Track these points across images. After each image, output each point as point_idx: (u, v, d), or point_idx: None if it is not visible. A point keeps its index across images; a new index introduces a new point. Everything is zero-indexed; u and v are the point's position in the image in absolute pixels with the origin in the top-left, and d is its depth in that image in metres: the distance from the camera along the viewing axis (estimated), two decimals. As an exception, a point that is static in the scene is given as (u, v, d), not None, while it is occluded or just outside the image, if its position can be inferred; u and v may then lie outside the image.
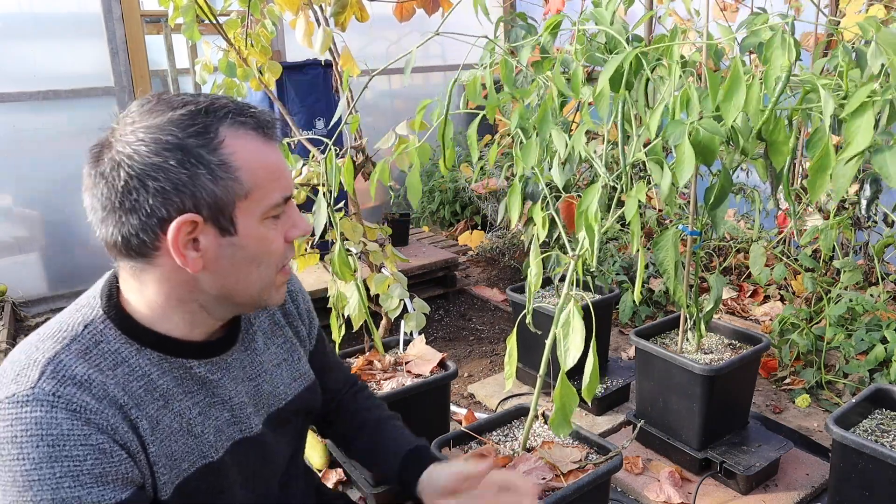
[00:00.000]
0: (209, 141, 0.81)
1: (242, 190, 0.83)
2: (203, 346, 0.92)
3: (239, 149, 0.82)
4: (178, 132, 0.80)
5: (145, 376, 0.85)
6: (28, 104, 3.35)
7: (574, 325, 1.25)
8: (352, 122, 1.78)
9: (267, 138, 0.86)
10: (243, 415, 0.97)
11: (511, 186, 1.46)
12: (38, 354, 0.81)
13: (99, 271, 0.94)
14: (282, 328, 1.09)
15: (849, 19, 2.47)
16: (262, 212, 0.85)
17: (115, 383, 0.82)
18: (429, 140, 1.54)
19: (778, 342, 2.55)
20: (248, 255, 0.86)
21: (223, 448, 0.93)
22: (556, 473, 1.41)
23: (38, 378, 0.78)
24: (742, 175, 3.22)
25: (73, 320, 0.86)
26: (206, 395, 0.92)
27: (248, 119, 0.85)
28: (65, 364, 0.80)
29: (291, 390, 1.07)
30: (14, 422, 0.75)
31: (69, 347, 0.82)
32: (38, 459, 0.74)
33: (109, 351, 0.84)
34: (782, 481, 1.91)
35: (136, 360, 0.85)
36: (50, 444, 0.75)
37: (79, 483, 0.75)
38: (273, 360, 1.05)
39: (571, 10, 1.61)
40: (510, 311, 3.21)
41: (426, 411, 1.87)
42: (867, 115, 1.00)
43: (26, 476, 0.74)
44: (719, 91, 1.11)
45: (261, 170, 0.84)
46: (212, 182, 0.80)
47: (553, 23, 1.38)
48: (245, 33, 2.02)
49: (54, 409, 0.76)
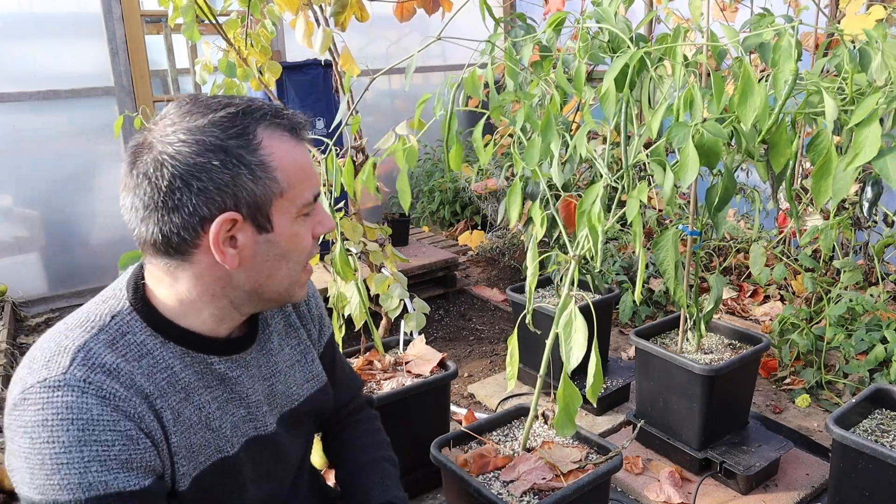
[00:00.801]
0: (249, 142, 0.84)
1: (279, 189, 0.86)
2: (224, 343, 0.94)
3: (276, 150, 0.86)
4: (219, 133, 0.83)
5: (168, 368, 0.88)
6: (28, 104, 3.35)
7: (577, 325, 1.25)
8: (353, 123, 1.78)
9: (299, 139, 0.90)
10: (259, 413, 0.99)
11: (511, 186, 1.46)
12: (67, 342, 0.82)
13: (99, 271, 0.96)
14: (296, 330, 1.10)
15: (849, 19, 2.47)
16: (296, 210, 0.89)
17: (140, 373, 0.84)
18: (429, 137, 1.54)
19: (778, 342, 2.55)
20: (280, 251, 0.89)
21: (238, 444, 0.95)
22: (556, 473, 1.41)
23: (70, 364, 0.80)
24: (742, 175, 3.22)
25: (100, 311, 0.88)
26: (225, 390, 0.94)
27: (283, 121, 0.88)
28: (94, 352, 0.82)
29: (304, 391, 1.08)
30: (45, 405, 0.77)
31: (97, 337, 0.84)
32: (67, 443, 0.76)
33: (135, 342, 0.86)
34: (782, 481, 1.91)
35: (161, 352, 0.88)
36: (80, 427, 0.76)
37: (106, 468, 0.77)
38: (287, 360, 1.06)
39: (571, 10, 1.61)
40: (510, 311, 3.21)
41: (426, 411, 1.87)
42: (874, 126, 1.00)
43: (55, 459, 0.75)
44: (732, 92, 1.11)
45: (295, 170, 0.88)
46: (252, 182, 0.84)
47: (556, 19, 1.37)
48: (245, 33, 2.02)
49: (85, 395, 0.78)
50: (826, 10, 2.81)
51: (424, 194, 4.61)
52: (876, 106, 1.02)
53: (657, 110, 1.20)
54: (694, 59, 1.34)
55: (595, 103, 1.32)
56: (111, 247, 3.66)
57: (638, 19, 1.52)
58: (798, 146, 2.56)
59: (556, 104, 1.34)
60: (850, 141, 1.09)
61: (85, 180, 3.57)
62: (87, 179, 3.58)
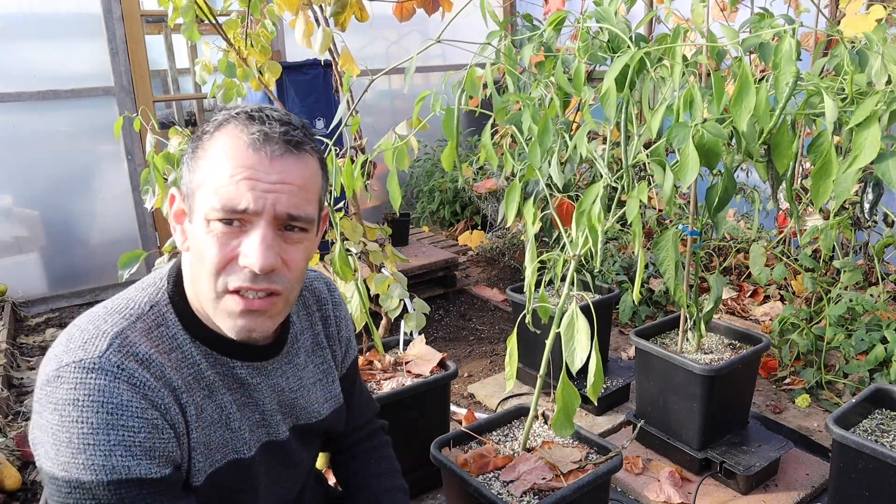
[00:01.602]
0: (212, 134, 0.86)
1: (200, 178, 0.86)
2: (248, 349, 0.94)
3: (217, 142, 0.85)
4: (212, 124, 0.88)
5: (195, 365, 0.89)
6: (28, 104, 3.35)
7: (579, 325, 1.25)
8: (352, 123, 1.78)
9: (256, 148, 0.83)
10: (273, 420, 0.99)
11: (510, 185, 1.46)
12: (106, 326, 0.83)
13: (98, 271, 0.97)
14: (322, 349, 1.10)
15: (849, 20, 2.47)
16: (203, 209, 0.84)
17: (171, 366, 0.85)
18: (429, 137, 1.53)
19: (778, 342, 2.55)
20: (196, 248, 0.87)
21: (255, 447, 0.96)
22: (556, 473, 1.41)
23: (106, 349, 0.81)
24: (742, 175, 3.22)
25: (140, 298, 0.89)
26: (244, 394, 0.95)
27: (253, 123, 0.85)
28: (130, 340, 0.83)
29: (325, 410, 1.09)
30: (78, 385, 0.78)
31: (135, 325, 0.85)
32: (96, 424, 0.77)
33: (168, 335, 0.88)
34: (782, 481, 1.91)
35: (189, 348, 0.89)
36: (109, 411, 0.78)
37: (130, 454, 0.78)
38: (311, 378, 1.07)
39: (571, 10, 1.61)
40: (510, 311, 3.21)
41: (426, 411, 1.87)
42: (874, 128, 1.00)
43: (83, 439, 0.77)
44: (728, 93, 1.11)
45: (219, 167, 0.83)
46: (187, 165, 0.89)
47: (557, 18, 1.37)
48: (245, 33, 2.02)
49: (117, 380, 0.79)
50: (826, 11, 2.80)
51: (424, 194, 4.61)
52: (875, 108, 1.02)
53: (657, 110, 1.20)
54: (693, 60, 1.33)
55: (595, 103, 1.32)
56: (111, 247, 3.66)
57: (638, 20, 1.52)
58: (798, 147, 2.56)
59: (555, 107, 1.34)
60: (849, 141, 1.09)
61: (85, 180, 3.57)
62: (87, 179, 3.58)
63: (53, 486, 0.78)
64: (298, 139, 0.86)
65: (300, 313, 1.07)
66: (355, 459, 1.22)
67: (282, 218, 0.84)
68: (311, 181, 0.88)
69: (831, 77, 1.29)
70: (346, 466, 1.22)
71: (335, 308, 1.13)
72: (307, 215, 0.87)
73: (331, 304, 1.13)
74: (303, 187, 0.86)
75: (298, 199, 0.85)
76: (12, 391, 2.53)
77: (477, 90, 1.38)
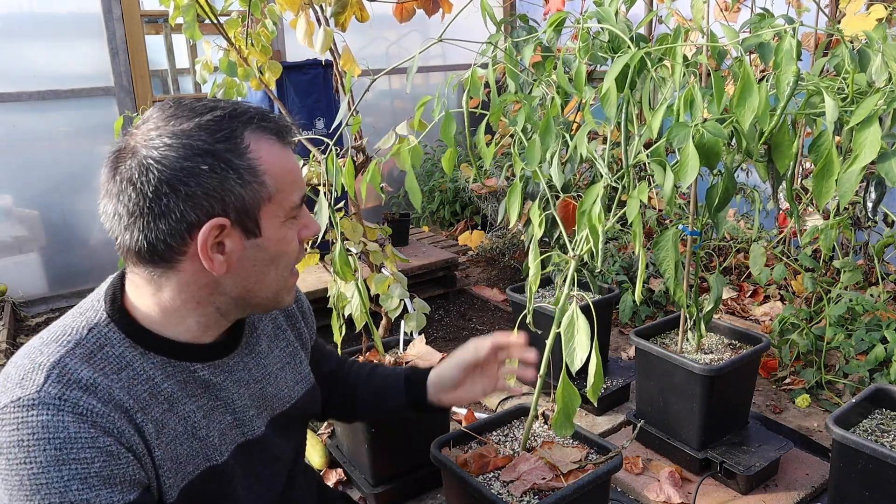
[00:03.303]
0: (237, 146, 0.82)
1: (267, 193, 0.85)
2: (206, 348, 0.92)
3: (264, 153, 0.84)
4: (206, 137, 0.81)
5: (150, 380, 0.85)
6: (28, 104, 3.35)
7: (579, 325, 1.25)
8: (353, 123, 1.78)
9: (284, 143, 0.88)
10: (245, 417, 0.97)
11: (511, 186, 1.46)
12: (42, 358, 0.80)
13: (98, 271, 0.96)
14: (284, 332, 1.09)
15: (849, 19, 2.47)
16: (284, 214, 0.88)
17: (119, 387, 0.82)
18: (429, 138, 1.54)
19: (778, 342, 2.55)
20: (269, 256, 0.88)
21: (228, 451, 0.93)
22: (556, 473, 1.41)
23: (44, 382, 0.77)
24: (742, 175, 3.22)
25: (76, 324, 0.85)
26: (210, 398, 0.92)
27: (270, 124, 0.87)
28: (70, 368, 0.79)
29: (295, 393, 1.08)
30: (20, 425, 0.74)
31: (73, 351, 0.81)
32: (45, 463, 0.74)
33: (114, 355, 0.84)
34: (782, 481, 1.91)
35: (141, 363, 0.85)
36: (57, 447, 0.74)
37: (87, 485, 0.75)
38: (277, 363, 1.05)
39: (571, 11, 1.61)
40: (510, 311, 3.21)
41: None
42: (874, 128, 1.00)
43: (33, 479, 0.73)
44: (730, 93, 1.11)
45: (283, 173, 0.87)
46: (240, 186, 0.82)
47: (557, 19, 1.37)
48: (245, 33, 2.02)
49: (61, 413, 0.75)
50: (826, 10, 2.80)
51: (424, 194, 4.61)
52: (875, 107, 1.02)
53: (657, 110, 1.20)
54: (694, 60, 1.33)
55: (596, 103, 1.32)
56: (111, 247, 3.60)
57: (639, 20, 1.52)
58: (798, 147, 2.56)
59: (557, 107, 1.34)
60: (850, 141, 1.09)
61: (85, 180, 3.57)
62: (86, 179, 3.57)
63: None
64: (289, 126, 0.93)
65: None
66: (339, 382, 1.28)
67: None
68: None
69: (832, 77, 1.29)
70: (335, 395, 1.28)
71: None
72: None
73: None
74: None
75: None
76: (12, 391, 2.52)
77: (478, 91, 1.38)
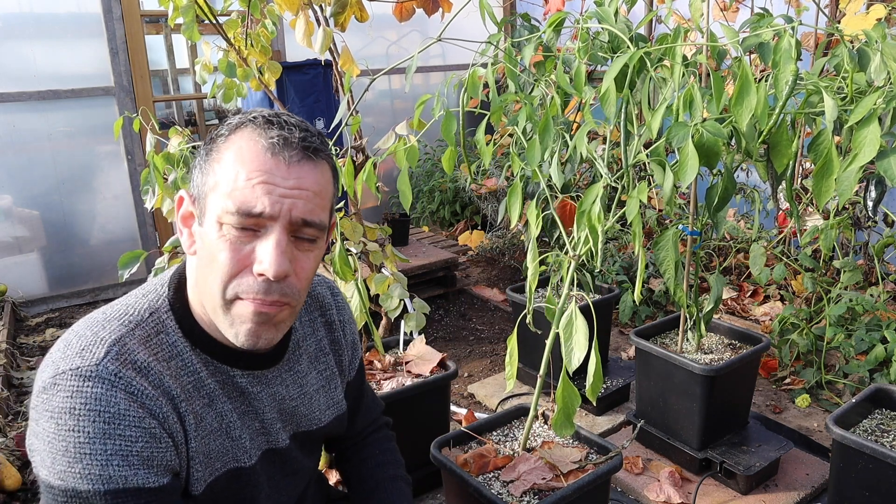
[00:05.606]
0: (227, 137, 0.85)
1: (213, 181, 0.84)
2: (247, 357, 0.93)
3: (234, 145, 0.84)
4: (226, 127, 0.87)
5: (195, 373, 0.88)
6: (28, 104, 3.35)
7: (577, 324, 1.25)
8: (353, 123, 1.78)
9: (274, 152, 0.82)
10: (272, 429, 0.98)
11: (511, 186, 1.46)
12: (104, 333, 0.82)
13: (98, 271, 0.96)
14: (326, 355, 1.09)
15: (849, 19, 2.47)
16: (217, 212, 0.83)
17: (169, 374, 0.84)
18: (429, 138, 1.54)
19: (778, 342, 2.55)
20: (207, 251, 0.85)
21: (256, 456, 0.95)
22: (556, 473, 1.41)
23: (104, 356, 0.80)
24: (742, 175, 3.22)
25: (139, 305, 0.88)
26: (244, 402, 0.94)
27: (272, 128, 0.84)
28: (129, 348, 0.82)
29: (326, 417, 1.08)
30: (75, 394, 0.77)
31: (133, 332, 0.84)
32: (92, 434, 0.76)
33: (168, 343, 0.86)
34: (782, 481, 1.91)
35: (189, 356, 0.88)
36: (106, 420, 0.77)
37: (127, 463, 0.77)
38: (314, 385, 1.06)
39: (571, 11, 1.61)
40: (510, 311, 3.21)
41: (426, 411, 1.87)
42: (873, 126, 1.00)
43: (79, 448, 0.76)
44: (730, 93, 1.11)
45: (235, 169, 0.82)
46: (199, 167, 0.87)
47: (556, 19, 1.37)
48: (245, 33, 2.02)
49: (114, 389, 0.78)
50: (826, 10, 2.80)
51: (424, 194, 4.61)
52: (875, 106, 1.02)
53: (657, 110, 1.20)
54: (694, 60, 1.33)
55: (595, 103, 1.32)
56: (111, 247, 3.66)
57: (638, 20, 1.52)
58: (798, 146, 2.56)
59: (556, 107, 1.34)
60: (849, 140, 1.09)
61: (85, 180, 3.57)
62: (87, 179, 3.58)
63: (49, 495, 0.77)
64: (316, 146, 0.86)
65: (303, 319, 1.06)
66: (362, 450, 1.23)
67: (296, 224, 0.84)
68: (325, 188, 0.88)
69: (831, 77, 1.29)
70: (353, 459, 1.23)
71: (339, 312, 1.12)
72: (321, 222, 0.86)
73: (334, 308, 1.12)
74: (318, 194, 0.85)
75: (313, 205, 0.85)
76: (12, 391, 2.52)
77: (478, 91, 1.38)
